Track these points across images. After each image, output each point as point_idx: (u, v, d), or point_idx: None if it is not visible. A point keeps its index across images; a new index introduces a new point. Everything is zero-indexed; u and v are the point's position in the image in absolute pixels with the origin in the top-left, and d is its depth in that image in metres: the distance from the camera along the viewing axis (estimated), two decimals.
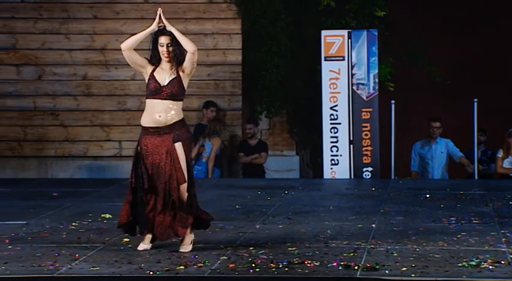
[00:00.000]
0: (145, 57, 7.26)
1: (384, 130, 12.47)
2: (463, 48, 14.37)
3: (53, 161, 13.27)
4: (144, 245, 7.21)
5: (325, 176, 12.39)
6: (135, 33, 7.33)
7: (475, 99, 12.41)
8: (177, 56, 7.14)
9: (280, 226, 8.31)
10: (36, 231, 8.14)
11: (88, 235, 7.93)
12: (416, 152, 12.78)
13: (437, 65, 13.90)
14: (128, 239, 7.61)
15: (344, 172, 12.30)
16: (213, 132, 12.64)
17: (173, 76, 7.13)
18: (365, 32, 12.41)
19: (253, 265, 6.65)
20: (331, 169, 12.35)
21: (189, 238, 7.17)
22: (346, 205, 9.77)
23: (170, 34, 7.15)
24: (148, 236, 7.21)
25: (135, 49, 7.25)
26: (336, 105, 12.36)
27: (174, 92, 7.10)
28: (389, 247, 7.22)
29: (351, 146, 12.35)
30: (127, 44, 7.22)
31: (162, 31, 7.18)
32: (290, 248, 7.23)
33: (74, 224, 8.48)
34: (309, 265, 6.64)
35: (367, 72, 12.37)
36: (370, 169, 12.31)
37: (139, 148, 7.14)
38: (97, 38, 13.28)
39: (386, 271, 6.44)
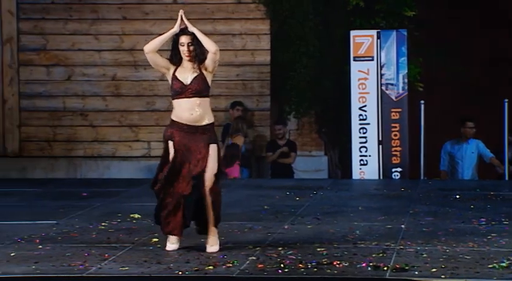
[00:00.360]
0: (167, 58, 7.27)
1: (413, 130, 12.41)
2: (493, 48, 14.27)
3: (82, 161, 13.34)
4: (172, 244, 7.22)
5: (354, 177, 12.35)
6: (163, 34, 7.34)
7: (506, 100, 12.32)
8: (198, 54, 7.16)
9: (309, 227, 8.30)
10: (66, 231, 8.19)
11: (117, 235, 7.96)
12: (446, 152, 12.71)
13: (467, 65, 13.82)
14: (156, 240, 7.63)
15: (373, 172, 12.26)
16: (236, 130, 12.62)
17: (196, 74, 7.15)
18: (394, 32, 12.35)
19: (281, 265, 6.64)
20: (360, 169, 12.31)
21: (215, 238, 7.15)
22: (375, 205, 9.73)
23: (191, 34, 7.18)
24: (175, 236, 7.20)
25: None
26: (365, 106, 12.31)
27: (199, 88, 7.13)
28: (418, 248, 7.18)
29: (380, 146, 12.30)
30: (150, 47, 7.25)
31: (182, 31, 7.21)
32: (319, 249, 7.21)
33: (103, 224, 8.52)
34: (337, 265, 6.62)
35: (397, 73, 12.32)
36: (399, 169, 12.26)
37: (171, 142, 7.11)
38: (126, 39, 13.33)
39: (416, 272, 6.41)
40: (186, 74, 7.16)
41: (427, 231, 7.98)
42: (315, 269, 6.53)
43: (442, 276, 6.30)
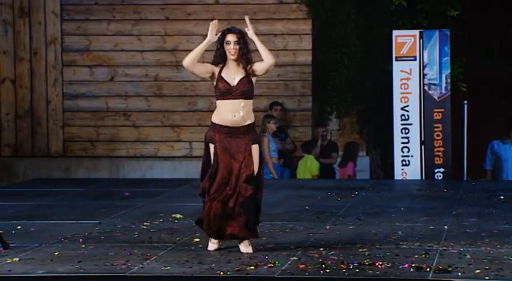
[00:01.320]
0: (207, 62, 7.21)
1: (455, 131, 12.32)
2: None
3: (124, 161, 13.42)
4: (214, 245, 7.23)
5: (396, 177, 12.28)
6: (206, 35, 7.32)
7: None
8: (245, 54, 7.11)
9: (351, 227, 8.27)
10: (109, 231, 8.24)
11: (159, 234, 8.00)
12: (493, 151, 12.59)
13: (511, 64, 13.67)
14: (198, 239, 7.65)
15: (415, 172, 12.18)
16: (262, 131, 12.58)
17: (242, 75, 7.11)
18: (437, 32, 12.27)
19: (323, 265, 6.63)
20: (402, 169, 12.25)
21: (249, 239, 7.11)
22: (417, 206, 9.67)
23: (238, 32, 7.12)
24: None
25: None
26: (407, 106, 12.24)
27: (245, 90, 7.09)
28: (462, 249, 7.12)
29: (422, 146, 12.22)
30: (188, 61, 7.22)
31: (229, 29, 7.16)
32: (360, 249, 7.19)
33: (145, 224, 8.56)
34: (379, 266, 6.59)
35: (439, 73, 12.23)
36: (441, 169, 12.17)
37: (213, 145, 7.07)
38: (168, 39, 13.39)
39: (459, 273, 6.35)
40: (232, 74, 7.12)
41: (470, 232, 7.91)
42: (357, 270, 6.50)
43: (486, 277, 6.24)
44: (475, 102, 12.76)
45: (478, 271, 6.39)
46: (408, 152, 12.24)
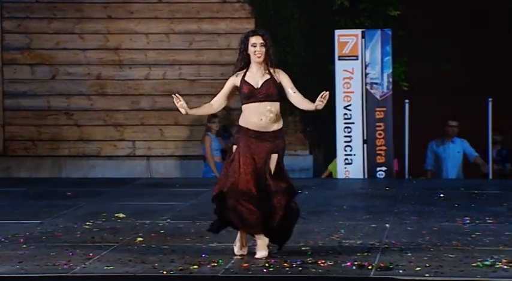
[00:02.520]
0: (228, 79, 6.95)
1: (397, 130, 12.44)
2: (478, 48, 14.32)
3: (66, 160, 13.30)
4: (240, 250, 6.95)
5: (339, 176, 12.37)
6: (149, 33, 7.24)
7: (490, 99, 12.36)
8: (270, 56, 6.85)
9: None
10: (51, 230, 8.16)
11: (102, 234, 7.95)
12: (432, 151, 12.74)
13: (452, 64, 13.85)
14: (141, 239, 7.62)
15: (358, 171, 12.27)
16: (205, 130, 12.58)
17: (267, 77, 6.85)
18: (379, 32, 12.38)
19: (266, 264, 6.64)
20: (345, 168, 12.33)
21: (264, 242, 6.91)
22: (359, 204, 9.75)
23: (263, 34, 6.88)
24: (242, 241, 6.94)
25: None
26: (350, 105, 12.34)
27: (270, 92, 6.81)
28: (403, 247, 7.20)
29: (365, 145, 12.32)
30: (215, 108, 7.02)
31: (253, 31, 6.95)
32: (304, 248, 7.22)
33: (87, 223, 8.50)
34: (322, 264, 6.62)
35: (381, 72, 12.34)
36: (384, 168, 12.28)
37: (235, 147, 6.81)
38: (111, 38, 13.30)
39: (400, 271, 6.42)
40: (256, 77, 6.84)
41: (411, 230, 8.00)
42: (300, 269, 6.53)
43: (427, 275, 6.32)
44: (416, 101, 12.90)
45: (418, 269, 6.47)
46: (351, 150, 12.33)
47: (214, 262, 6.73)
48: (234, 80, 6.94)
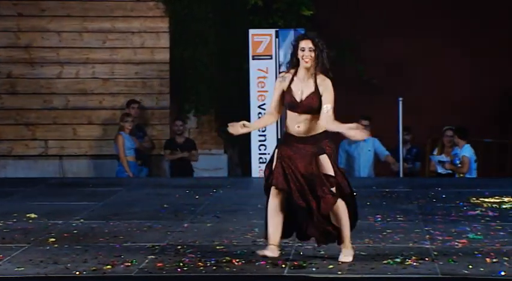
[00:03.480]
0: (277, 88, 6.87)
1: None
2: (389, 48, 14.56)
3: None
4: (273, 250, 6.72)
5: (253, 175, 12.42)
6: (62, 31, 7.16)
7: (400, 99, 12.57)
8: (321, 61, 6.68)
9: (209, 225, 8.31)
10: None
11: (13, 235, 7.82)
12: (344, 150, 12.90)
13: (365, 64, 14.06)
14: (53, 239, 7.52)
15: None
16: (119, 129, 12.50)
17: (311, 90, 6.66)
18: (292, 31, 12.47)
19: (181, 264, 6.64)
20: (260, 167, 12.38)
21: (347, 249, 6.74)
22: None
23: (313, 39, 6.77)
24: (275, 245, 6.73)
25: None
26: (264, 104, 12.39)
27: (311, 106, 6.66)
28: (316, 245, 7.26)
29: None
30: (275, 117, 6.96)
31: (304, 35, 6.85)
32: (218, 247, 7.24)
33: None
34: (236, 263, 6.65)
35: None
36: None
37: (278, 152, 6.75)
38: (22, 36, 13.09)
39: (314, 269, 6.49)
40: (301, 88, 6.69)
41: None
42: (214, 268, 6.55)
43: (339, 272, 6.40)
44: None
45: (331, 266, 6.55)
46: (265, 149, 12.40)
47: (128, 262, 6.69)
48: (283, 86, 6.82)
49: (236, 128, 6.90)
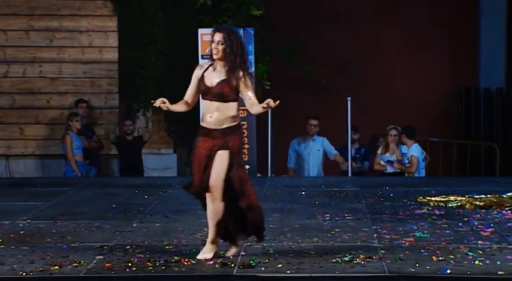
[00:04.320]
0: (194, 76, 6.93)
1: (260, 128, 12.58)
2: (338, 48, 14.66)
3: None
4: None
5: None
6: (8, 30, 7.10)
7: (349, 98, 12.65)
8: (229, 55, 6.73)
9: (158, 225, 8.29)
10: None
11: None
12: (293, 150, 12.95)
13: (313, 64, 14.13)
14: (0, 240, 7.43)
15: None
16: (66, 129, 12.39)
17: (223, 77, 6.75)
18: (241, 31, 12.47)
19: (129, 264, 6.61)
20: None
21: (209, 245, 6.84)
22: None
23: (223, 31, 6.74)
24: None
25: None
26: None
27: (221, 92, 6.73)
28: (265, 244, 7.29)
29: None
30: (190, 105, 7.11)
31: (216, 27, 6.81)
32: (167, 247, 7.22)
33: None
34: (186, 263, 6.65)
35: None
36: (247, 166, 12.37)
37: (195, 149, 6.84)
38: None
39: (263, 268, 6.51)
40: (214, 77, 6.77)
41: (273, 228, 8.10)
42: (164, 268, 6.53)
43: (288, 271, 6.43)
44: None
45: (280, 265, 6.57)
46: None
47: (76, 262, 6.65)
48: (198, 74, 6.93)
49: (157, 102, 7.14)
